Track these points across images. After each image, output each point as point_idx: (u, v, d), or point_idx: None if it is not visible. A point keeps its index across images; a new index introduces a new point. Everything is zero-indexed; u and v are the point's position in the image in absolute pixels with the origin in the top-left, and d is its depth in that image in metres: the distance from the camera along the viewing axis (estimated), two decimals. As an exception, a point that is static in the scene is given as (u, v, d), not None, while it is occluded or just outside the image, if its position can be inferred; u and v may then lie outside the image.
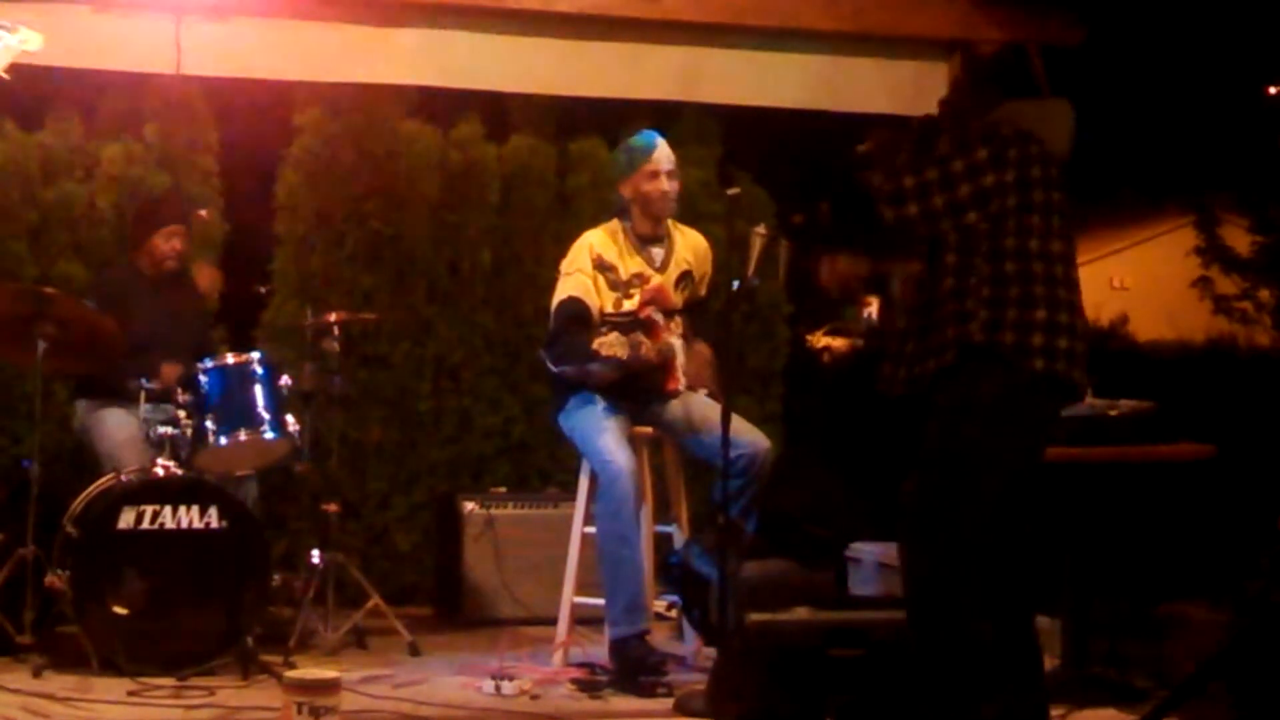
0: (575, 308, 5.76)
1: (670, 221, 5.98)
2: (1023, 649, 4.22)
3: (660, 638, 5.99)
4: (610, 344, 5.71)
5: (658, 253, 5.92)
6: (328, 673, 4.67)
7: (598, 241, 5.86)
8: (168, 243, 6.36)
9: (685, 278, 5.96)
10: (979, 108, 4.37)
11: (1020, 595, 4.26)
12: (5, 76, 5.01)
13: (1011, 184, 4.18)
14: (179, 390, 5.88)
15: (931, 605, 4.18)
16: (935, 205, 4.19)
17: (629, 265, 5.85)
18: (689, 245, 6.01)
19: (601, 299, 5.79)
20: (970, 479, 4.15)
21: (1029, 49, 4.54)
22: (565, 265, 5.89)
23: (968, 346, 4.15)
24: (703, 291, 6.05)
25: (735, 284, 5.31)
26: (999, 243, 4.18)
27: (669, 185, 5.88)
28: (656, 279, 5.86)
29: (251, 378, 5.91)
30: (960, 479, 4.15)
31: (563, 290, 5.82)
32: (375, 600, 6.19)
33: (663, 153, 5.90)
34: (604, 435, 5.68)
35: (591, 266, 5.80)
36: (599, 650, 5.78)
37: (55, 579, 5.53)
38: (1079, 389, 4.28)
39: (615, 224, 5.93)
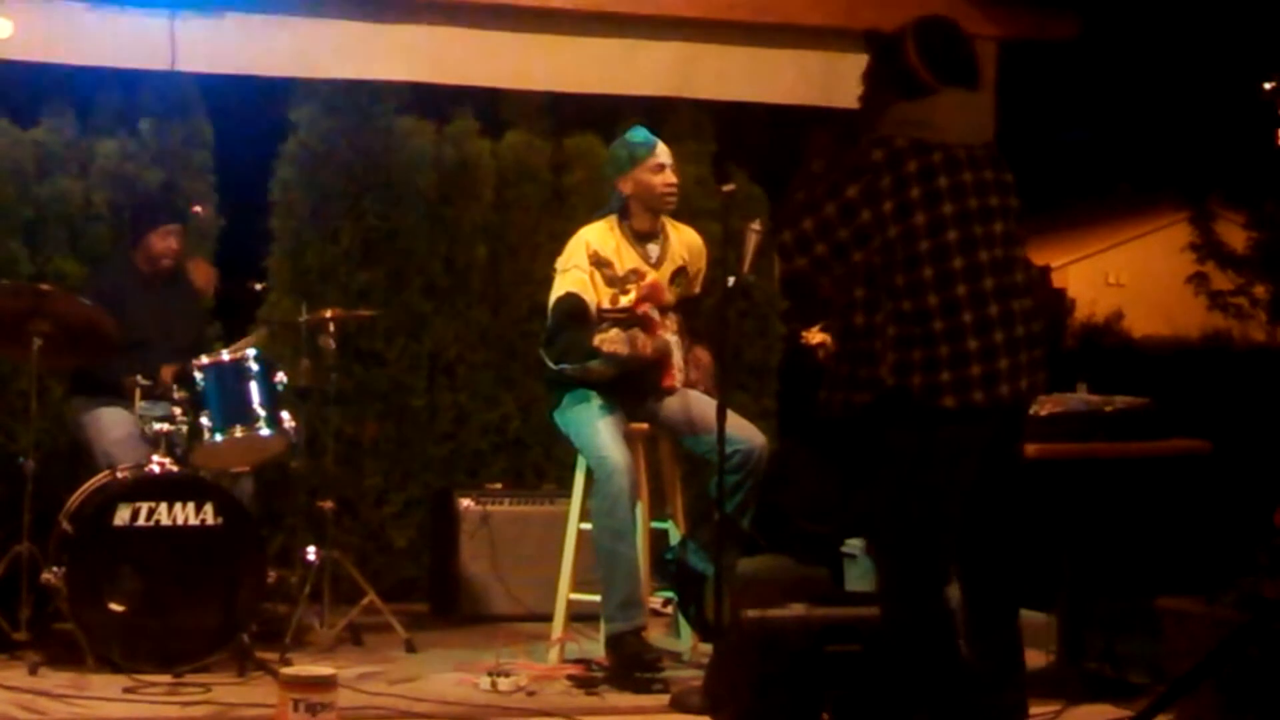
0: (573, 304, 5.76)
1: (664, 218, 5.97)
2: (1002, 654, 4.21)
3: (656, 634, 5.99)
4: (611, 340, 5.69)
5: (653, 249, 5.92)
6: (324, 669, 4.67)
7: (594, 237, 5.86)
8: (164, 241, 6.36)
9: (680, 274, 5.96)
10: (875, 115, 4.17)
11: (997, 598, 4.25)
12: None
13: (890, 214, 4.02)
14: (174, 387, 5.88)
15: (899, 624, 4.19)
16: (818, 253, 4.07)
17: (625, 261, 5.85)
18: (683, 241, 6.00)
19: (598, 295, 5.78)
20: (898, 520, 4.12)
21: (905, 36, 4.20)
22: (561, 262, 5.88)
23: (880, 387, 4.06)
24: (696, 288, 6.04)
25: (730, 280, 5.31)
26: (892, 279, 4.04)
27: (672, 177, 5.88)
28: (652, 275, 5.86)
29: (247, 374, 5.90)
30: (891, 519, 4.14)
31: (560, 287, 5.82)
32: (371, 597, 6.19)
33: (661, 146, 5.91)
34: (600, 431, 5.68)
35: (588, 262, 5.80)
36: (595, 646, 5.78)
37: (50, 576, 5.53)
38: (1012, 402, 4.11)
39: (612, 220, 5.92)
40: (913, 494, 4.09)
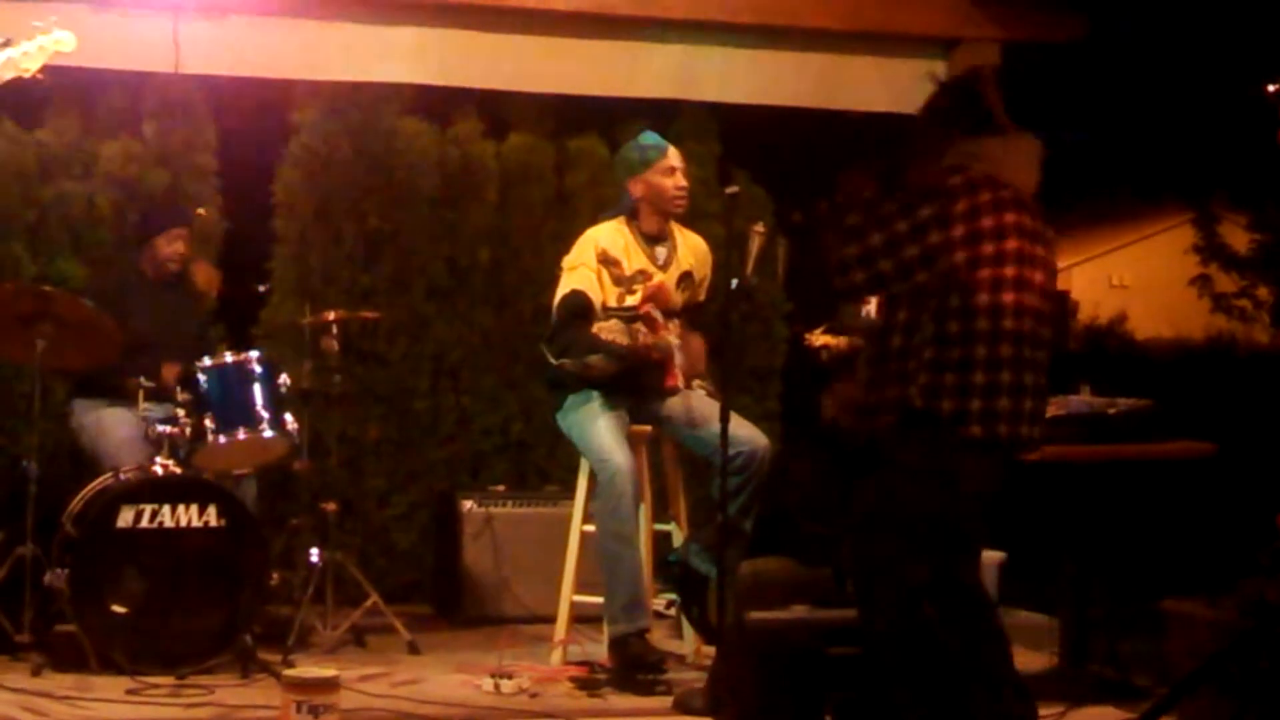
0: (578, 301, 5.76)
1: (673, 223, 5.98)
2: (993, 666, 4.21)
3: (659, 636, 6.00)
4: (610, 329, 5.68)
5: (661, 251, 5.92)
6: (326, 671, 4.67)
7: (603, 236, 5.86)
8: (170, 245, 6.37)
9: (686, 279, 5.96)
10: (935, 147, 4.23)
11: (981, 617, 4.25)
12: (40, 77, 5.03)
13: (959, 240, 4.06)
14: (178, 389, 5.88)
15: (886, 653, 4.19)
16: (883, 269, 4.11)
17: (633, 261, 5.85)
18: (690, 247, 6.01)
19: (605, 293, 5.78)
20: (905, 541, 4.12)
21: (983, 82, 4.32)
22: (569, 260, 5.88)
23: (908, 409, 4.09)
24: (702, 295, 6.04)
25: (734, 282, 5.31)
26: (945, 301, 4.08)
27: (684, 181, 5.89)
28: (659, 276, 5.86)
29: (250, 376, 5.91)
30: (896, 540, 4.13)
31: (566, 284, 5.82)
32: (374, 599, 6.19)
33: (675, 150, 5.92)
34: (602, 433, 5.68)
35: (596, 261, 5.80)
36: (598, 648, 5.78)
37: (54, 578, 5.53)
38: (1023, 445, 4.18)
39: (621, 221, 5.92)
40: (935, 508, 4.10)
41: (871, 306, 5.16)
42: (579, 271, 5.80)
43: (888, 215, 4.12)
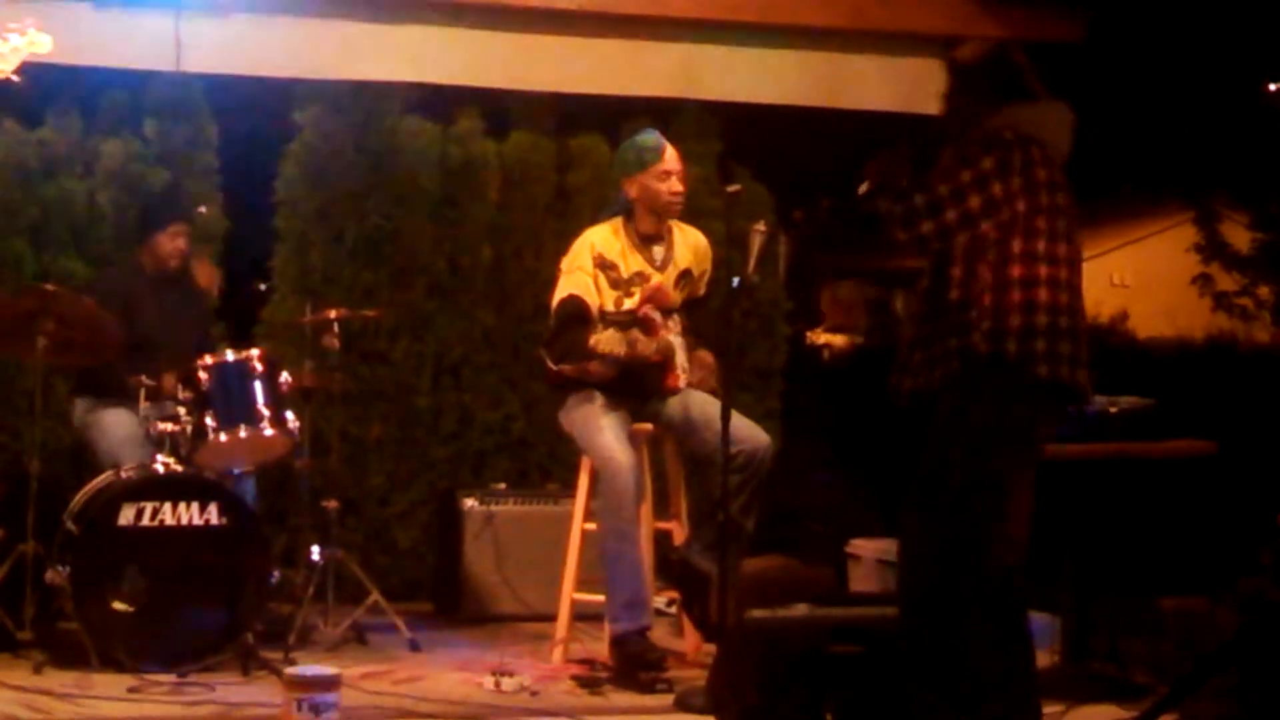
0: (575, 306, 5.76)
1: (671, 220, 5.97)
2: (1017, 649, 4.21)
3: (660, 634, 5.99)
4: (607, 340, 5.67)
5: (658, 251, 5.91)
6: (328, 669, 4.67)
7: (599, 239, 5.85)
8: (173, 242, 6.37)
9: (685, 276, 5.96)
10: (979, 113, 4.33)
11: (1017, 596, 4.25)
12: (14, 78, 5.03)
13: (1019, 189, 4.17)
14: (179, 387, 5.88)
15: (930, 609, 4.18)
16: (949, 220, 4.17)
17: (630, 264, 5.84)
18: (689, 244, 6.00)
19: (602, 297, 5.78)
20: (974, 486, 4.14)
21: (1011, 51, 4.42)
22: (566, 263, 5.88)
23: (972, 356, 4.14)
24: (702, 290, 6.04)
25: (735, 281, 5.31)
26: (1006, 248, 4.17)
27: (679, 186, 5.88)
28: (657, 278, 5.85)
29: (251, 374, 5.91)
30: (965, 486, 4.15)
31: (563, 289, 5.81)
32: (375, 596, 6.19)
33: (670, 153, 5.89)
34: (604, 432, 5.68)
35: (593, 264, 5.79)
36: (599, 646, 5.78)
37: (55, 575, 5.54)
38: (1083, 392, 4.26)
39: (617, 222, 5.92)
40: (1005, 451, 4.15)
41: (899, 301, 5.20)
42: (575, 275, 5.79)
43: (950, 166, 4.20)
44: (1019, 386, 4.14)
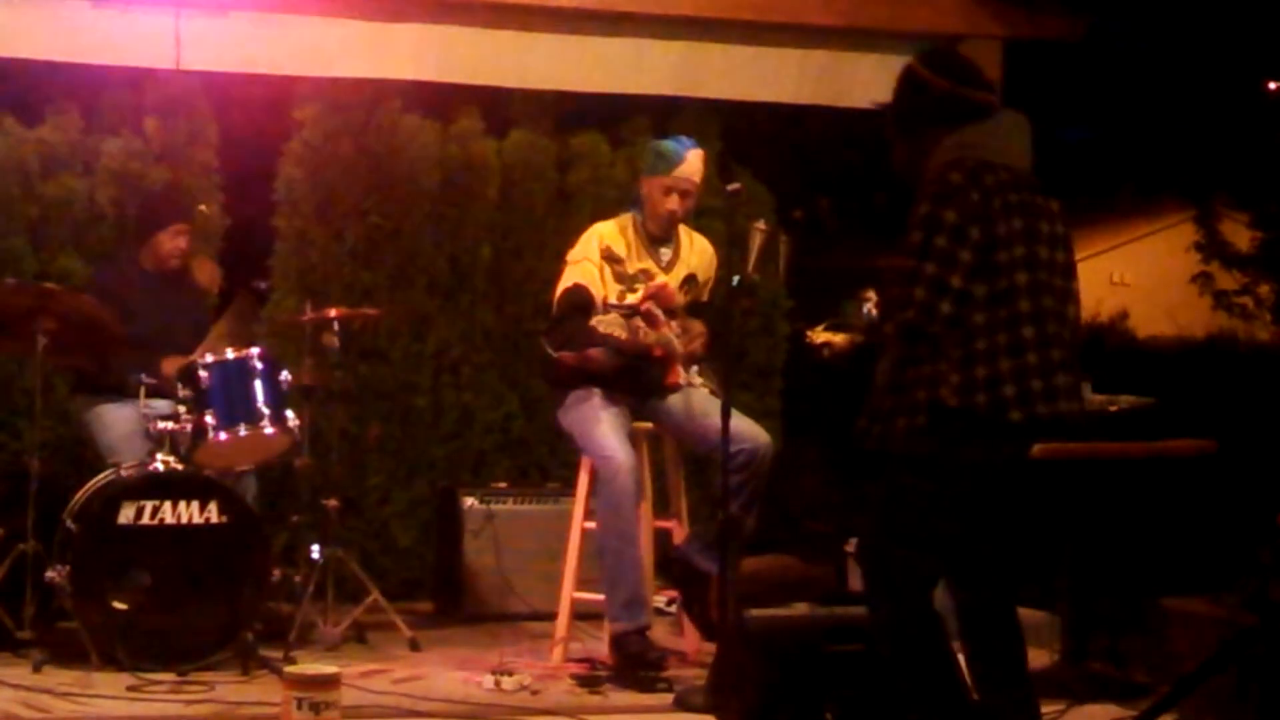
0: (579, 296, 5.76)
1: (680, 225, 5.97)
2: (1003, 649, 4.20)
3: (660, 633, 5.99)
4: (609, 323, 5.62)
5: (665, 252, 5.92)
6: (328, 668, 4.67)
7: (607, 233, 5.86)
8: (173, 241, 6.36)
9: (690, 281, 5.96)
10: (926, 152, 4.15)
11: (998, 600, 4.23)
12: None
13: (979, 238, 3.99)
14: (179, 385, 5.88)
15: (892, 637, 4.17)
16: (956, 286, 4.00)
17: (636, 261, 5.85)
18: (696, 250, 6.01)
19: (606, 289, 5.77)
20: (942, 529, 4.09)
21: (943, 59, 4.22)
22: (573, 254, 5.88)
23: (941, 410, 4.04)
24: (705, 296, 6.04)
25: (735, 280, 5.31)
26: (991, 286, 4.02)
27: (677, 204, 5.84)
28: (662, 278, 5.85)
29: (251, 373, 5.90)
30: (932, 528, 4.10)
31: (568, 278, 5.82)
32: (375, 595, 6.19)
33: (686, 169, 5.84)
34: (603, 430, 5.68)
35: (599, 256, 5.80)
36: (599, 645, 5.79)
37: (55, 574, 5.54)
38: (1066, 417, 4.14)
39: (628, 218, 5.93)
40: (952, 510, 4.07)
41: (873, 304, 5.15)
42: (581, 266, 5.80)
43: (926, 240, 4.01)
44: (993, 435, 4.02)
